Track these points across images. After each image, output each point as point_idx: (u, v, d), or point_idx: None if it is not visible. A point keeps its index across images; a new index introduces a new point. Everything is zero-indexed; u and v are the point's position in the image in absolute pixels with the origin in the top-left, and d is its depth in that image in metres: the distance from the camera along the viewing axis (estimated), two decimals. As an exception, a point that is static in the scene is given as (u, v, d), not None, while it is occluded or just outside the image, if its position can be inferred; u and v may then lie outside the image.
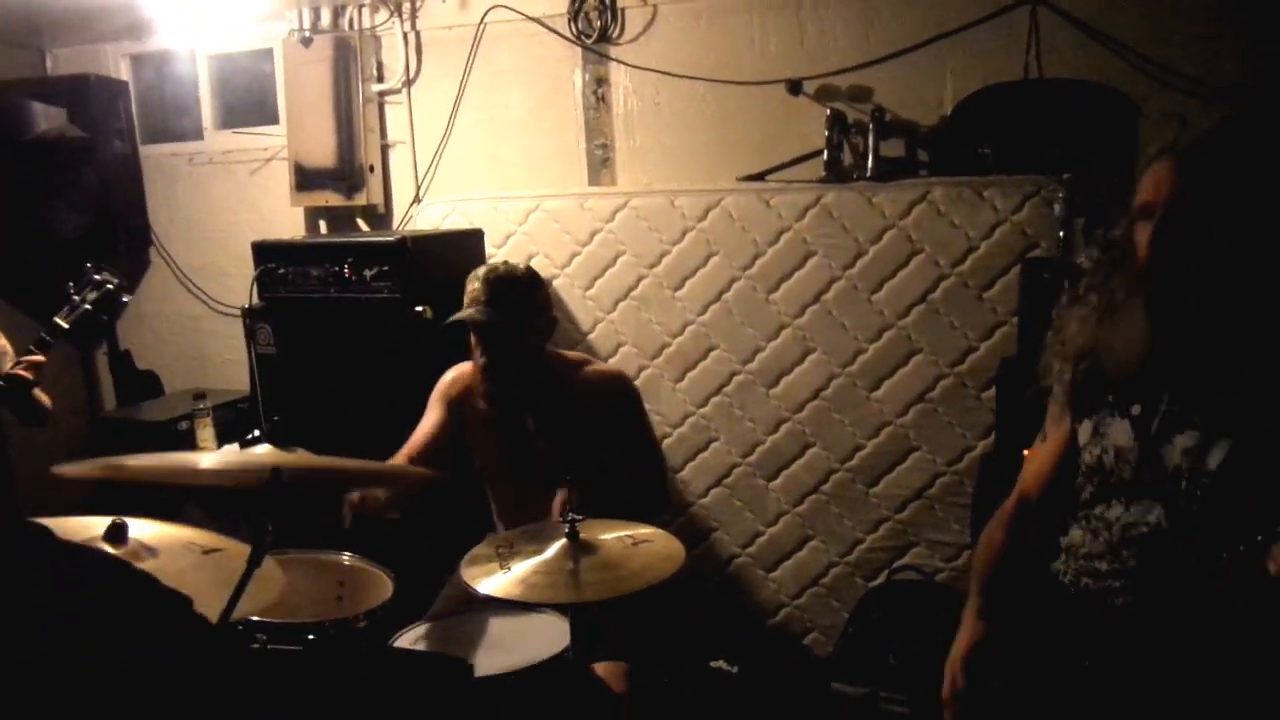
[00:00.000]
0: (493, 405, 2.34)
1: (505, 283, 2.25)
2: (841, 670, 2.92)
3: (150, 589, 0.82)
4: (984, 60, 2.91)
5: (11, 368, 2.68)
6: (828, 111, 2.99)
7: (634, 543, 1.81)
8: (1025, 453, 2.08)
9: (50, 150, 3.79)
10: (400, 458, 2.38)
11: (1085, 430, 1.77)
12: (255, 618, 1.86)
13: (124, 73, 4.09)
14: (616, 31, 3.33)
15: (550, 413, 2.35)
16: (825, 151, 3.00)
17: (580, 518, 1.81)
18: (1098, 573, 1.80)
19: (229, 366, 4.10)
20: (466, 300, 2.27)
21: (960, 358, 2.91)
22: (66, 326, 2.73)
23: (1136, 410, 1.70)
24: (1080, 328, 1.69)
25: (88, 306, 2.75)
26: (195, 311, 4.17)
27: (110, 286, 2.80)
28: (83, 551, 0.82)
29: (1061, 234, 2.58)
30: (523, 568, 1.76)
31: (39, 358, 2.69)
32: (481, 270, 2.30)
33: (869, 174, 2.97)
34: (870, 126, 2.96)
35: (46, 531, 0.79)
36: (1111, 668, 1.70)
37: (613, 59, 3.34)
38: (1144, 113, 2.76)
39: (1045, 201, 2.72)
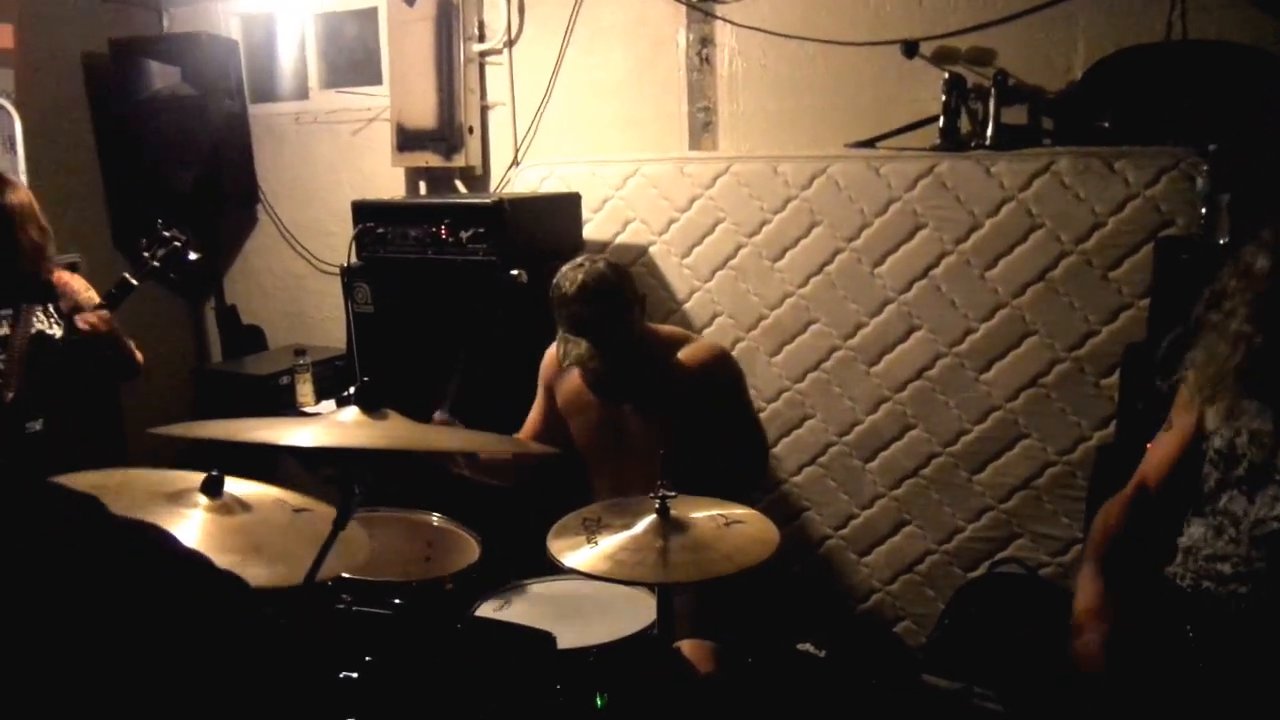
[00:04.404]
0: (600, 395, 2.33)
1: (600, 294, 2.20)
2: (934, 662, 2.81)
3: (203, 571, 0.80)
4: (1120, 20, 2.69)
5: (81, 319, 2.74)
6: (945, 75, 2.81)
7: (726, 523, 1.74)
8: (1148, 446, 1.95)
9: (164, 108, 3.89)
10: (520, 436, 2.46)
11: (1217, 414, 1.68)
12: (345, 574, 1.87)
13: (234, 31, 4.16)
14: (723, -11, 3.21)
15: (647, 393, 2.32)
16: (941, 118, 2.83)
17: (673, 494, 1.75)
18: (1221, 576, 1.69)
19: (329, 324, 4.18)
20: (568, 323, 2.23)
21: (1079, 341, 2.73)
22: (136, 283, 2.78)
23: None
24: (1247, 309, 1.59)
25: (156, 264, 2.81)
26: (299, 269, 4.25)
27: (177, 244, 2.81)
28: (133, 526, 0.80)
29: (1203, 211, 2.37)
30: (610, 543, 1.71)
31: (96, 318, 2.71)
32: (570, 289, 2.21)
33: (988, 143, 2.79)
34: (991, 91, 2.78)
35: (97, 504, 0.77)
36: (1229, 673, 1.61)
37: (718, 18, 3.22)
38: (1302, 79, 2.52)
39: (1184, 175, 2.51)
